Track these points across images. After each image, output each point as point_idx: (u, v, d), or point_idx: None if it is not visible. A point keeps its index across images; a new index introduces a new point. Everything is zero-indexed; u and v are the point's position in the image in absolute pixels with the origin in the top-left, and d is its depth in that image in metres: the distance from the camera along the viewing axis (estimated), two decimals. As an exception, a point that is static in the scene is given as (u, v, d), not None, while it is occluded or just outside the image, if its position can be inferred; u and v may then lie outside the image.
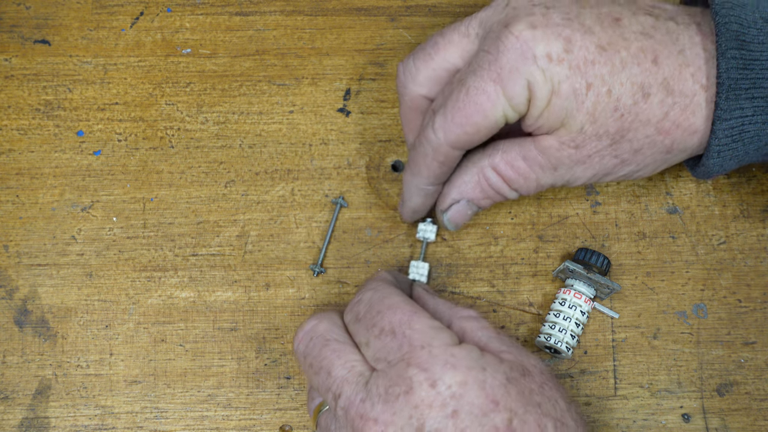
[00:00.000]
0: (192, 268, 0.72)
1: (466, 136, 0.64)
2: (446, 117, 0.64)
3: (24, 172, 0.73)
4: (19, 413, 0.70)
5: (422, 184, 0.67)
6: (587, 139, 0.63)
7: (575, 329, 0.69)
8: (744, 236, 0.72)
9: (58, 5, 0.75)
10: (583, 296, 0.69)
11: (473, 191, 0.67)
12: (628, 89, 0.62)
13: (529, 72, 0.62)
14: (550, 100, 0.62)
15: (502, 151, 0.66)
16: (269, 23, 0.75)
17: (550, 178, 0.65)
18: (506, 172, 0.66)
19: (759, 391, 0.71)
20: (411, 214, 0.69)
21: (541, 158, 0.65)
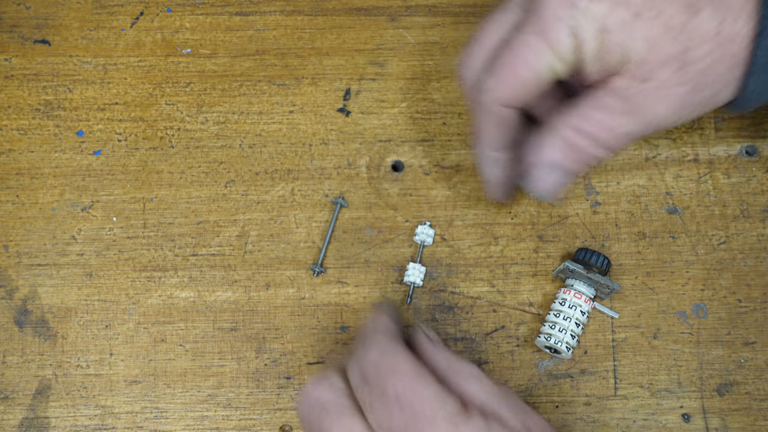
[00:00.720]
0: (192, 268, 0.72)
1: (514, 92, 0.63)
2: (494, 76, 0.63)
3: (24, 172, 0.73)
4: (19, 413, 0.70)
5: (487, 150, 0.67)
6: (652, 68, 0.62)
7: (575, 329, 0.69)
8: (744, 236, 0.72)
9: (58, 5, 0.75)
10: (583, 296, 0.69)
11: (554, 154, 0.65)
12: (676, 8, 0.61)
13: (570, 17, 0.61)
14: (601, 40, 0.62)
15: (576, 109, 0.64)
16: (269, 23, 0.75)
17: (631, 123, 0.64)
18: (587, 127, 0.64)
19: (759, 391, 0.71)
20: (496, 191, 0.69)
21: (616, 102, 0.63)
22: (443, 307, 0.72)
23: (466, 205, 0.73)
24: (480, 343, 0.71)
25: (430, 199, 0.73)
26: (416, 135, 0.74)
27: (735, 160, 0.74)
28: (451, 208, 0.73)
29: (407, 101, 0.74)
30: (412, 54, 0.75)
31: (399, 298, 0.72)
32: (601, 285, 0.69)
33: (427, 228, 0.72)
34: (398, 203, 0.73)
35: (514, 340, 0.71)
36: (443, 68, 0.75)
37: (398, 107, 0.74)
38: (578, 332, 0.69)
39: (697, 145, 0.74)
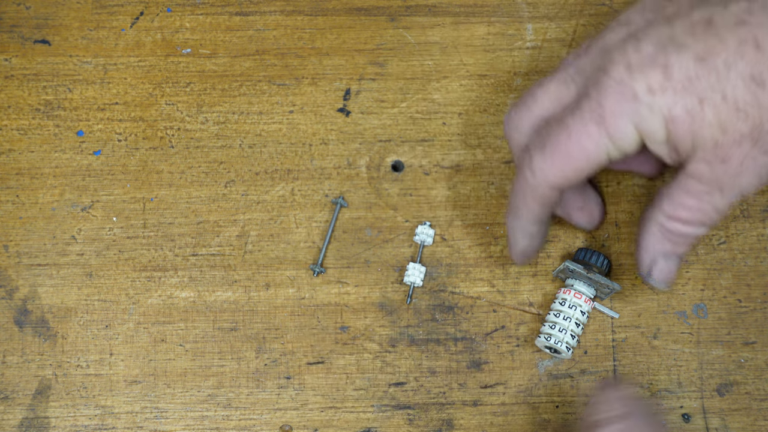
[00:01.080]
0: (192, 268, 0.72)
1: (567, 179, 0.63)
2: (545, 158, 0.63)
3: (24, 172, 0.73)
4: (19, 413, 0.70)
5: (525, 226, 0.67)
6: (728, 149, 0.61)
7: (575, 329, 0.69)
8: (744, 236, 0.72)
9: (58, 5, 0.75)
10: (583, 296, 0.69)
11: (661, 245, 0.66)
12: (741, 86, 0.60)
13: (633, 111, 0.61)
14: (668, 129, 0.61)
15: (667, 197, 0.64)
16: (269, 23, 0.75)
17: (722, 199, 0.64)
18: (681, 214, 0.64)
19: (759, 391, 0.71)
20: (521, 258, 0.69)
21: (702, 186, 0.63)
22: (443, 307, 0.72)
23: (466, 205, 0.73)
24: (480, 343, 0.71)
25: (430, 199, 0.73)
26: (416, 135, 0.74)
27: (735, 160, 0.74)
28: (451, 208, 0.73)
29: (407, 101, 0.74)
30: (412, 54, 0.75)
31: (399, 298, 0.72)
32: (601, 285, 0.69)
33: (427, 228, 0.72)
34: (398, 203, 0.73)
35: (514, 340, 0.71)
36: (443, 68, 0.75)
37: (398, 107, 0.74)
38: (578, 332, 0.69)
39: (697, 145, 0.74)
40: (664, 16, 0.62)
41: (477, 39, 0.75)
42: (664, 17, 0.62)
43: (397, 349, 0.71)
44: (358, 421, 0.70)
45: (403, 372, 0.71)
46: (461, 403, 0.70)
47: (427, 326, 0.71)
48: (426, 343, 0.71)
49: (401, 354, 0.71)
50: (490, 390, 0.71)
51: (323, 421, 0.70)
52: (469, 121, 0.74)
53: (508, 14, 0.75)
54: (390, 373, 0.71)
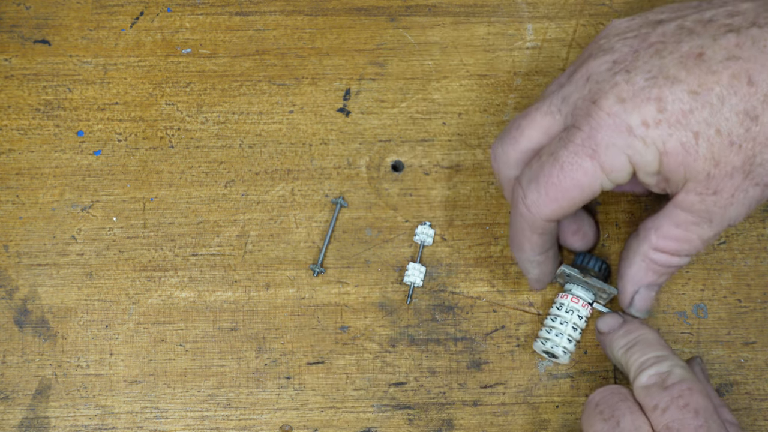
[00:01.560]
0: (192, 268, 0.72)
1: (561, 210, 0.63)
2: (540, 192, 0.63)
3: (24, 172, 0.73)
4: (19, 413, 0.70)
5: (531, 257, 0.67)
6: (720, 181, 0.62)
7: (573, 333, 0.69)
8: (744, 236, 0.72)
9: (58, 5, 0.75)
10: (581, 300, 0.69)
11: (646, 277, 0.66)
12: (734, 120, 0.61)
13: (627, 145, 0.61)
14: (661, 162, 0.61)
15: (654, 229, 0.65)
16: (269, 23, 0.75)
17: (709, 230, 0.64)
18: (668, 245, 0.65)
19: (759, 391, 0.71)
20: (537, 285, 0.70)
21: (691, 217, 0.63)
22: (443, 307, 0.72)
23: (466, 205, 0.73)
24: (480, 343, 0.71)
25: (430, 199, 0.73)
26: (416, 135, 0.74)
27: (735, 160, 0.74)
28: (451, 208, 0.73)
29: (407, 101, 0.74)
30: (412, 54, 0.75)
31: (399, 298, 0.72)
32: (599, 290, 0.69)
33: (427, 228, 0.72)
34: (398, 203, 0.73)
35: (514, 340, 0.71)
36: (443, 68, 0.75)
37: (398, 107, 0.74)
38: (576, 337, 0.69)
39: (697, 145, 0.74)
40: (650, 45, 0.62)
41: (477, 39, 0.75)
42: (649, 46, 0.62)
43: (397, 349, 0.71)
44: (358, 421, 0.70)
45: (403, 372, 0.71)
46: (461, 403, 0.70)
47: (427, 326, 0.71)
48: (426, 343, 0.71)
49: (401, 354, 0.71)
50: (490, 390, 0.71)
51: (323, 421, 0.70)
52: (469, 121, 0.74)
53: (508, 14, 0.75)
54: (390, 373, 0.71)
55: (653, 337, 0.66)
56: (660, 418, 0.62)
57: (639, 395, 0.63)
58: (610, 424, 0.62)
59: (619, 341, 0.67)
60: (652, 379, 0.63)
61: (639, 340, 0.66)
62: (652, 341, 0.66)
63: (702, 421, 0.61)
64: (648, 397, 0.63)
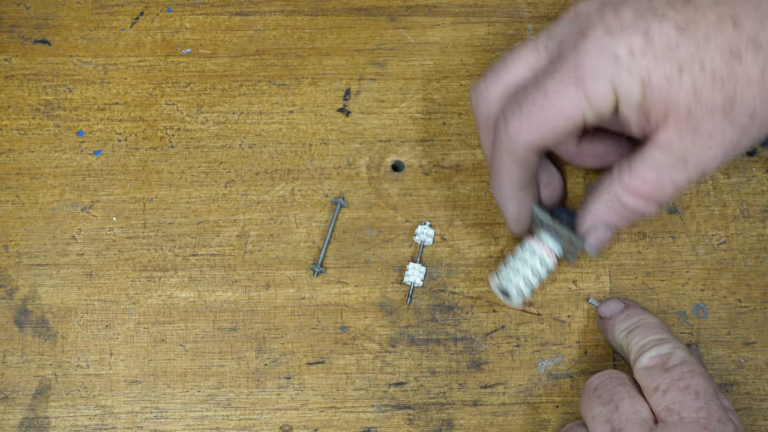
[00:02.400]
0: (192, 268, 0.72)
1: (542, 139, 0.63)
2: (522, 119, 0.63)
3: (24, 172, 0.73)
4: (19, 413, 0.70)
5: (508, 191, 0.66)
6: (700, 118, 0.62)
7: (530, 276, 0.68)
8: (744, 236, 0.72)
9: (58, 5, 0.75)
10: (546, 247, 0.68)
11: (608, 215, 0.66)
12: (719, 58, 0.61)
13: (612, 73, 0.61)
14: (644, 93, 0.61)
15: (628, 170, 0.64)
16: (269, 23, 0.75)
17: (683, 175, 0.63)
18: (639, 187, 0.64)
19: (759, 391, 0.71)
20: (516, 225, 0.69)
21: (667, 157, 0.63)
22: (443, 307, 0.72)
23: (466, 205, 0.73)
24: (480, 343, 0.71)
25: (430, 199, 0.73)
26: (416, 135, 0.74)
27: (735, 160, 0.74)
28: (451, 208, 0.73)
29: (407, 101, 0.74)
30: (412, 54, 0.75)
31: (399, 298, 0.72)
32: (566, 240, 0.68)
33: (427, 228, 0.72)
34: (398, 203, 0.73)
35: (514, 340, 0.71)
36: (443, 68, 0.75)
37: (398, 107, 0.74)
38: (533, 282, 0.68)
39: (697, 145, 0.74)
40: None
41: (477, 39, 0.75)
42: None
43: (397, 349, 0.71)
44: (358, 421, 0.70)
45: (403, 372, 0.71)
46: (461, 403, 0.70)
47: (427, 326, 0.71)
48: (426, 343, 0.71)
49: (401, 354, 0.71)
50: (490, 390, 0.71)
51: (323, 421, 0.70)
52: (469, 121, 0.74)
53: (508, 14, 0.75)
54: (390, 373, 0.71)
55: (654, 321, 0.67)
56: (660, 400, 0.62)
57: (639, 377, 0.64)
58: (608, 408, 0.63)
59: (621, 325, 0.67)
60: (653, 360, 0.64)
61: (640, 323, 0.67)
62: (653, 325, 0.67)
63: (702, 403, 0.61)
64: (649, 378, 0.63)
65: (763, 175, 0.73)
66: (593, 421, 0.63)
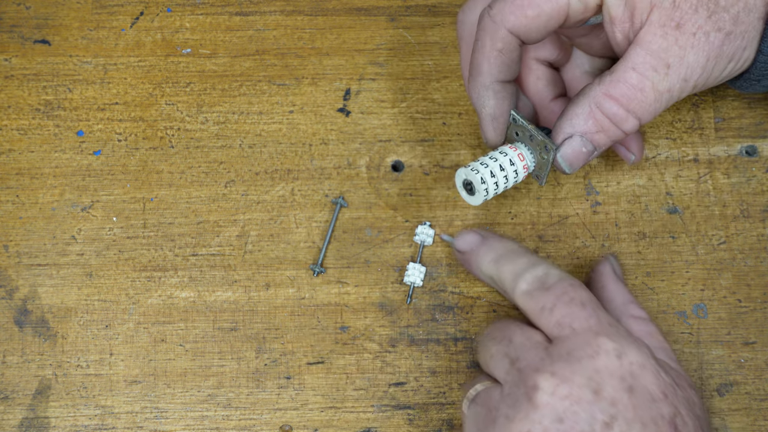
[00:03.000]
0: (192, 268, 0.72)
1: (526, 19, 0.62)
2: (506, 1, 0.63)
3: (24, 172, 0.73)
4: (19, 413, 0.70)
5: (486, 80, 0.65)
6: (684, 14, 0.61)
7: (497, 171, 0.66)
8: (744, 236, 0.72)
9: (58, 5, 0.75)
10: (519, 151, 0.66)
11: (586, 123, 0.64)
12: None
13: None
14: None
15: (610, 73, 0.63)
16: (269, 23, 0.75)
17: (665, 80, 0.62)
18: (620, 90, 0.63)
19: (759, 391, 0.71)
20: (492, 126, 0.66)
21: (646, 57, 0.62)
22: (443, 307, 0.72)
23: (466, 205, 0.73)
24: (480, 343, 0.71)
25: (430, 199, 0.73)
26: (416, 135, 0.74)
27: (735, 160, 0.74)
28: (451, 208, 0.73)
29: (407, 101, 0.74)
30: (412, 54, 0.75)
31: (399, 298, 0.72)
32: (540, 148, 0.65)
33: (427, 228, 0.72)
34: (398, 203, 0.73)
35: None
36: (443, 68, 0.75)
37: (398, 107, 0.74)
38: (499, 177, 0.66)
39: (697, 145, 0.74)
40: None
41: (477, 39, 0.75)
42: None
43: (397, 349, 0.71)
44: (358, 421, 0.70)
45: (403, 372, 0.71)
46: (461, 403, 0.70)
47: (427, 326, 0.71)
48: (426, 343, 0.71)
49: (401, 354, 0.71)
50: (490, 390, 0.71)
51: (323, 421, 0.70)
52: (469, 121, 0.74)
53: (508, 14, 0.75)
54: (390, 373, 0.71)
55: (517, 247, 0.67)
56: (549, 318, 0.62)
57: (522, 302, 0.64)
58: (503, 343, 0.63)
59: (485, 257, 0.67)
60: (532, 284, 0.63)
61: (504, 251, 0.66)
62: (518, 250, 0.66)
63: (590, 311, 0.62)
64: (532, 301, 0.63)
65: (763, 175, 0.73)
66: (492, 360, 0.63)
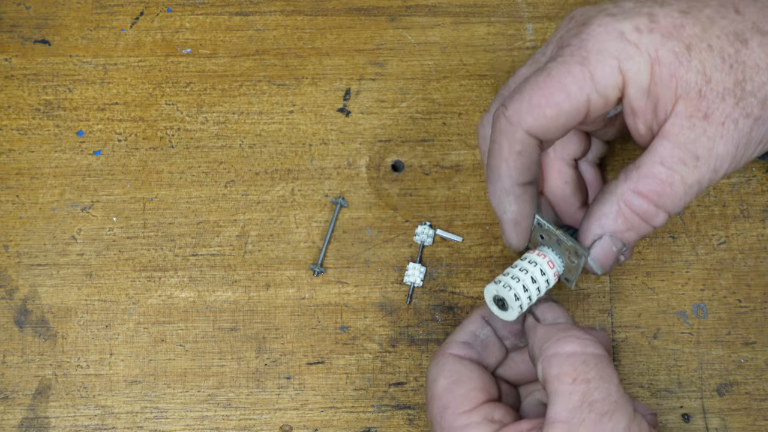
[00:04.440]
0: (192, 268, 0.72)
1: (545, 119, 0.60)
2: (522, 100, 0.60)
3: (24, 172, 0.73)
4: (19, 413, 0.70)
5: (506, 185, 0.63)
6: (711, 103, 0.60)
7: (529, 284, 0.63)
8: (744, 236, 0.72)
9: (58, 5, 0.75)
10: (548, 258, 0.64)
11: (615, 222, 0.62)
12: (725, 40, 0.60)
13: (619, 50, 0.60)
14: (652, 72, 0.60)
15: (635, 169, 0.61)
16: (269, 23, 0.75)
17: (694, 173, 0.60)
18: (648, 186, 0.61)
19: (759, 391, 0.71)
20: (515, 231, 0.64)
21: (677, 150, 0.60)
22: (443, 307, 0.72)
23: (466, 205, 0.73)
24: (480, 343, 0.71)
25: (430, 199, 0.73)
26: (416, 135, 0.74)
27: (735, 160, 0.74)
28: (451, 208, 0.73)
29: (407, 101, 0.74)
30: (412, 54, 0.75)
31: (399, 298, 0.72)
32: (569, 252, 0.64)
33: (427, 228, 0.72)
34: (398, 203, 0.73)
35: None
36: (443, 68, 0.75)
37: (398, 107, 0.74)
38: (532, 291, 0.64)
39: (697, 145, 0.74)
40: None
41: (477, 39, 0.75)
42: None
43: (397, 349, 0.71)
44: (358, 421, 0.70)
45: (403, 372, 0.71)
46: None
47: (427, 326, 0.71)
48: (426, 343, 0.71)
49: (401, 354, 0.71)
50: (490, 390, 0.71)
51: (323, 421, 0.70)
52: (469, 121, 0.74)
53: (508, 14, 0.75)
54: (390, 373, 0.71)
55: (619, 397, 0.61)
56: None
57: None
58: None
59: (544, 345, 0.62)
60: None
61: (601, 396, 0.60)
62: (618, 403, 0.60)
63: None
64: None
65: (763, 175, 0.73)
66: None
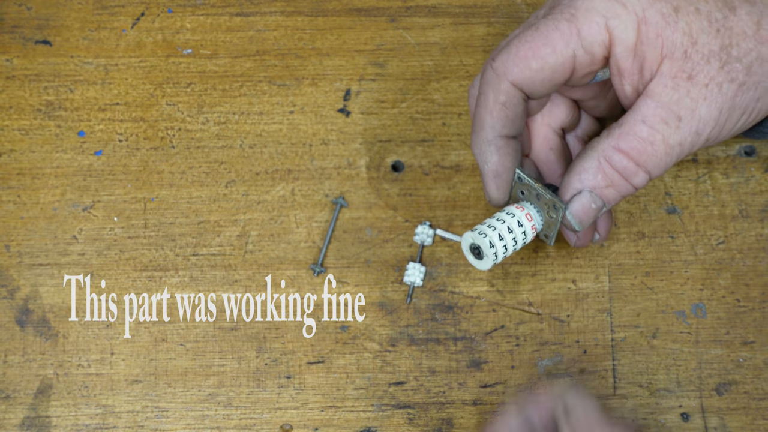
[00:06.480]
0: (193, 268, 0.72)
1: (530, 71, 0.61)
2: (509, 53, 0.61)
3: (25, 172, 0.73)
4: (21, 413, 0.70)
5: (489, 135, 0.63)
6: (696, 64, 0.60)
7: (506, 234, 0.64)
8: (743, 236, 0.73)
9: (59, 6, 0.75)
10: (525, 211, 0.64)
11: (595, 178, 0.62)
12: (713, 5, 0.60)
13: (607, 8, 0.60)
14: (639, 31, 0.60)
15: (619, 126, 0.62)
16: (270, 24, 0.75)
17: (676, 133, 0.61)
18: (630, 144, 0.61)
19: (758, 391, 0.71)
20: (495, 184, 0.65)
21: (660, 110, 0.61)
22: (443, 307, 0.72)
23: (466, 205, 0.73)
24: (480, 342, 0.71)
25: (430, 199, 0.73)
26: (416, 135, 0.74)
27: (733, 160, 0.74)
28: (450, 208, 0.73)
29: (407, 101, 0.74)
30: (412, 54, 0.75)
31: (399, 297, 0.72)
32: (548, 207, 0.64)
33: (427, 228, 0.72)
34: (398, 203, 0.73)
35: (514, 340, 0.71)
36: (443, 68, 0.75)
37: (398, 107, 0.74)
38: (508, 240, 0.64)
39: (696, 146, 0.74)
40: None
41: (477, 39, 0.75)
42: None
43: (397, 348, 0.71)
44: (358, 420, 0.70)
45: (403, 371, 0.71)
46: (461, 403, 0.71)
47: (427, 326, 0.71)
48: (426, 343, 0.71)
49: (401, 353, 0.71)
50: (489, 389, 0.71)
51: (323, 420, 0.70)
52: (469, 121, 0.74)
53: (508, 14, 0.75)
54: (390, 372, 0.71)
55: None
56: None
57: None
58: None
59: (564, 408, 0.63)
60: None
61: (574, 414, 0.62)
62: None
63: None
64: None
65: (762, 175, 0.73)
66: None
